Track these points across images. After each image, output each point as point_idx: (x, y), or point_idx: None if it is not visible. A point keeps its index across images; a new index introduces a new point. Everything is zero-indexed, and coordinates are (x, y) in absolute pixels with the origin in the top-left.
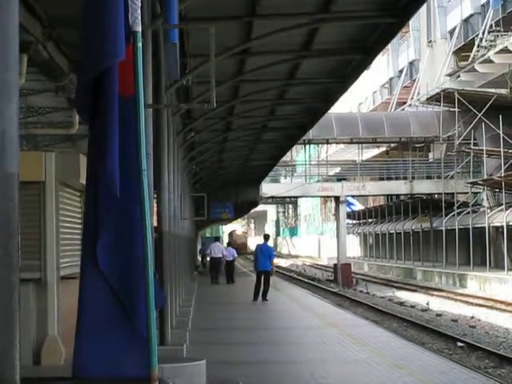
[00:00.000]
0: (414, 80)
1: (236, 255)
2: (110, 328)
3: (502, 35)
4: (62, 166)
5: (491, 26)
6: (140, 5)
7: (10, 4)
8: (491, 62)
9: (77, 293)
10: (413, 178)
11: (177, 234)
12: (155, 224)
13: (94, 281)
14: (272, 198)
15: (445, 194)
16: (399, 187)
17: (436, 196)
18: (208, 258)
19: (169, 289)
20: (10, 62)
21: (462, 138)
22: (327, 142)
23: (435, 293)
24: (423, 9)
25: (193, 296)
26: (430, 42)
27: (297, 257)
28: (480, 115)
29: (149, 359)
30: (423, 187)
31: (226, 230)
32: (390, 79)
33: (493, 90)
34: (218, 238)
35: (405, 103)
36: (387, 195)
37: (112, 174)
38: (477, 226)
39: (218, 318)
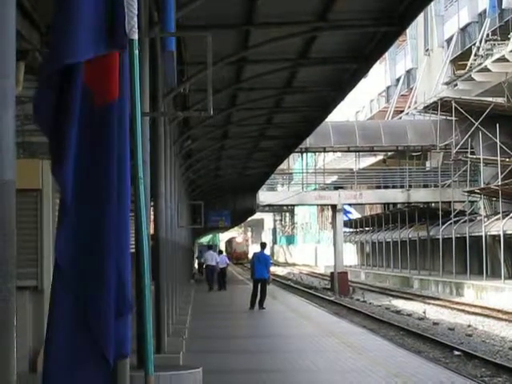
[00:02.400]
0: (411, 88)
1: (228, 261)
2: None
3: (498, 44)
4: None
5: (488, 35)
6: (137, 13)
7: (8, 12)
8: (488, 70)
9: None
10: (410, 186)
11: (173, 242)
12: (152, 232)
13: (63, 293)
14: (269, 206)
15: (442, 202)
16: (396, 196)
17: (433, 204)
18: (204, 266)
19: (165, 297)
20: (7, 70)
21: (459, 146)
22: (324, 151)
23: (432, 301)
24: (420, 17)
25: (189, 304)
26: (427, 50)
27: (294, 265)
28: (477, 124)
29: (145, 367)
30: (420, 196)
31: (222, 238)
32: (387, 88)
33: (490, 99)
34: (211, 247)
35: (402, 112)
36: (384, 204)
37: (64, 181)
38: (474, 234)
39: (215, 326)
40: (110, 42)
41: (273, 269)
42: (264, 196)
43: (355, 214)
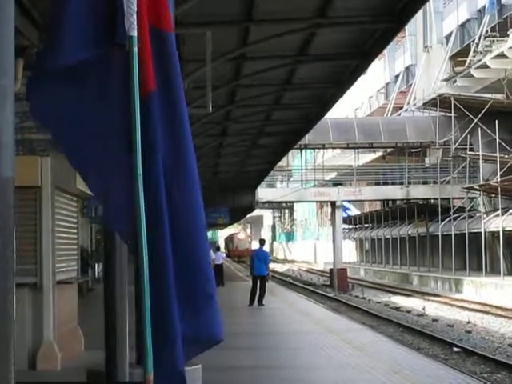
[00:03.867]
0: (410, 85)
1: (225, 256)
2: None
3: (498, 40)
4: (58, 171)
5: (487, 32)
6: (136, 9)
7: (6, 8)
8: (487, 67)
9: (72, 298)
10: (409, 183)
11: None
12: None
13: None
14: (268, 202)
15: (441, 199)
16: (395, 192)
17: (432, 201)
18: None
19: None
20: (5, 67)
21: (458, 143)
22: (323, 147)
23: (431, 298)
24: (419, 14)
25: None
26: (426, 47)
27: (293, 262)
28: (476, 120)
29: (144, 364)
30: (419, 192)
31: (221, 234)
32: (386, 84)
33: (489, 95)
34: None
35: (401, 108)
36: (383, 200)
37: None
38: (473, 231)
39: None
40: (112, 38)
41: (272, 265)
42: (263, 193)
43: (354, 211)
